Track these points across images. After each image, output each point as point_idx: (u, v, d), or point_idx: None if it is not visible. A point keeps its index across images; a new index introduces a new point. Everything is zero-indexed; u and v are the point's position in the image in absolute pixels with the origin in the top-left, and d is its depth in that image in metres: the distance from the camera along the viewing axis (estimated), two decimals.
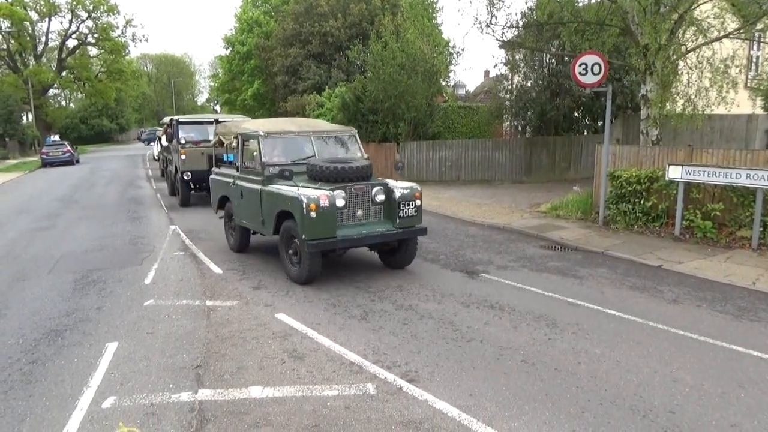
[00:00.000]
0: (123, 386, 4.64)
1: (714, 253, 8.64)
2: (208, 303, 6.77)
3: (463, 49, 24.96)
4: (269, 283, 7.59)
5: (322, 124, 9.64)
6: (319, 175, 7.41)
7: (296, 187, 7.16)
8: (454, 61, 21.64)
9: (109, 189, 20.26)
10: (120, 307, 6.69)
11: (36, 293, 7.39)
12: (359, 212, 7.40)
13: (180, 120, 14.91)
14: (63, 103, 70.14)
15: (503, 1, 16.65)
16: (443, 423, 3.96)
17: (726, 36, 11.94)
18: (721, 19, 12.25)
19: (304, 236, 6.86)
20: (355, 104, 20.20)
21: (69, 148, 35.05)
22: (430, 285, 7.36)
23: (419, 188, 7.73)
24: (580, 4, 14.70)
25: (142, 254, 9.43)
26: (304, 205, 6.80)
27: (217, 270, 8.29)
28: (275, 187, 7.62)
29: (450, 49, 21.99)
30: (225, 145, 9.82)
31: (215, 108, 44.62)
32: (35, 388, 4.67)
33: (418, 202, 7.59)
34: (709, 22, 12.28)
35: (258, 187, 7.99)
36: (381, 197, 7.49)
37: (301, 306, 6.60)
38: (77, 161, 35.30)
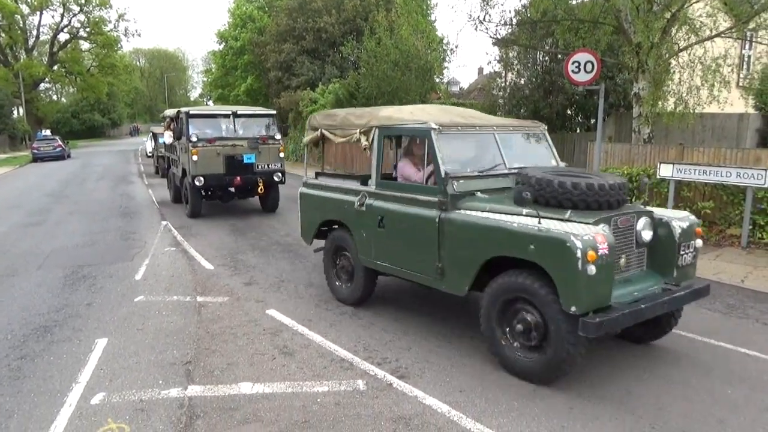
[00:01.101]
0: (112, 382, 4.62)
1: (704, 251, 8.70)
2: (199, 299, 6.75)
3: (456, 46, 25.04)
4: (261, 279, 7.57)
5: (490, 117, 6.73)
6: (549, 197, 4.61)
7: (534, 218, 4.36)
8: (448, 58, 21.63)
9: (100, 184, 20.14)
10: (110, 303, 6.66)
11: (25, 289, 7.34)
12: (622, 260, 4.61)
13: (191, 112, 12.11)
14: (54, 97, 69.58)
15: None
16: (433, 419, 3.97)
17: (718, 35, 11.99)
18: (714, 18, 12.31)
19: (573, 308, 4.01)
20: (348, 100, 20.18)
21: (60, 142, 34.82)
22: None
23: (697, 220, 5.05)
24: (574, 2, 14.73)
25: (132, 250, 9.39)
26: (579, 254, 3.92)
27: (208, 266, 8.27)
28: (478, 216, 4.68)
29: (444, 46, 21.98)
30: (322, 143, 6.94)
31: (208, 103, 44.41)
32: (23, 384, 4.64)
33: (698, 243, 4.96)
34: (701, 21, 12.33)
35: (431, 213, 5.02)
36: (648, 235, 4.72)
37: (292, 302, 6.59)
38: (68, 156, 35.07)
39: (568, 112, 19.78)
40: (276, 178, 12.23)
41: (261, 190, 12.15)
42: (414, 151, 5.90)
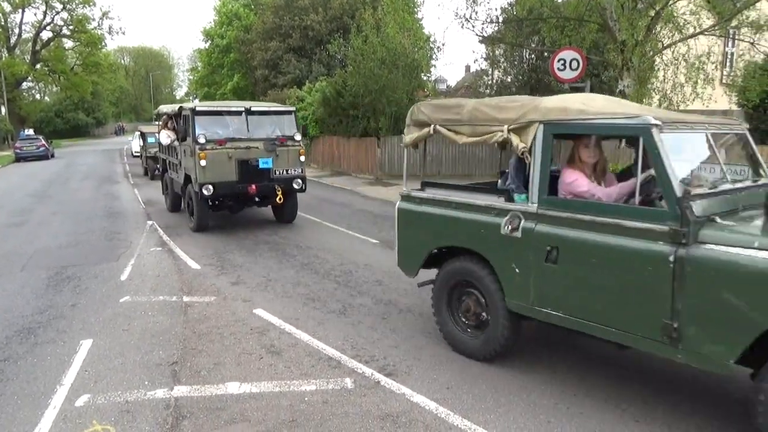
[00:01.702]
0: (97, 384, 4.57)
1: None
2: (185, 299, 6.70)
3: (443, 44, 25.05)
4: (248, 278, 7.53)
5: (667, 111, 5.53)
6: None
7: None
8: (434, 56, 21.64)
9: (84, 184, 19.92)
10: (95, 304, 6.59)
11: (8, 290, 7.24)
12: None
13: (198, 109, 10.39)
14: (37, 96, 68.76)
15: None
16: (420, 416, 3.97)
17: (701, 32, 12.14)
18: (697, 16, 12.45)
19: None
20: (335, 99, 20.14)
21: (43, 142, 34.43)
22: (409, 280, 7.29)
23: None
24: (560, 0, 14.83)
25: (118, 250, 9.30)
26: None
27: (194, 265, 8.21)
28: (751, 257, 3.19)
29: (431, 44, 22.01)
30: (424, 143, 5.50)
31: (194, 101, 44.11)
32: (6, 387, 4.58)
33: None
34: (685, 19, 12.47)
35: (656, 248, 3.53)
36: None
37: (279, 301, 6.57)
38: (52, 156, 34.65)
39: None
40: (296, 186, 10.67)
41: (279, 199, 10.51)
42: (582, 156, 4.43)
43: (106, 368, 4.87)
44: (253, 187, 10.17)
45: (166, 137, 11.71)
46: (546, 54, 16.24)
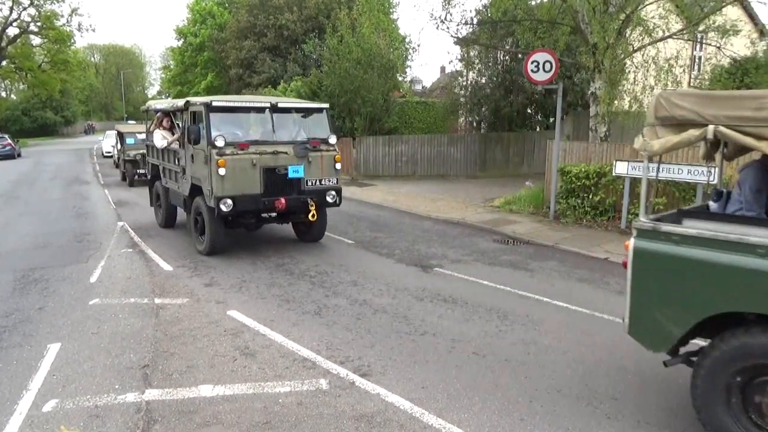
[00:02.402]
0: (65, 388, 4.46)
1: None
2: (157, 301, 6.59)
3: (419, 45, 25.20)
4: (222, 279, 7.45)
5: None
6: None
7: None
8: (410, 57, 21.75)
9: (52, 184, 19.44)
10: (63, 307, 6.43)
11: None
12: None
13: (215, 104, 8.36)
14: (3, 94, 66.82)
15: None
16: (395, 416, 3.98)
17: (670, 36, 12.40)
18: (666, 20, 12.72)
19: None
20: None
21: (9, 141, 33.47)
22: (384, 280, 7.38)
23: None
24: (533, 3, 15.01)
25: (87, 252, 9.10)
26: None
27: (167, 267, 8.08)
28: None
29: (406, 45, 22.08)
30: (708, 147, 4.27)
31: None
32: None
33: None
34: (654, 23, 12.72)
35: None
36: None
37: (254, 303, 6.51)
38: (18, 155, 33.72)
39: (528, 110, 20.16)
40: (329, 199, 8.80)
41: (313, 216, 8.61)
42: None
43: (74, 372, 4.76)
44: (282, 201, 8.27)
45: (161, 139, 10.10)
46: (520, 56, 16.42)
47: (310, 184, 8.59)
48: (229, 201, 7.97)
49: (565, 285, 7.13)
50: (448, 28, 14.93)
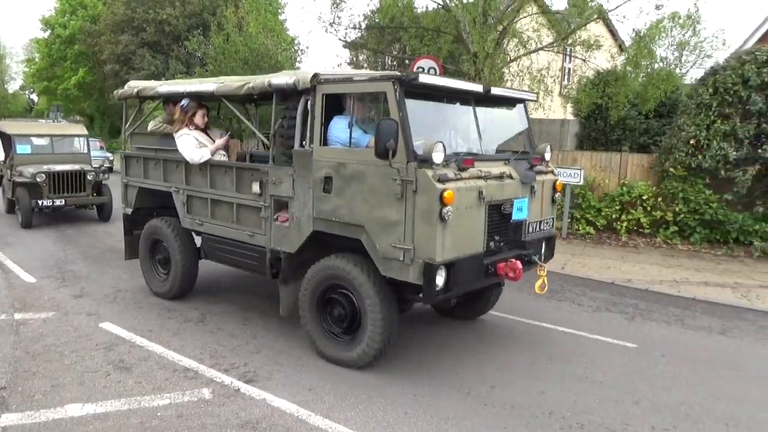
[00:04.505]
0: None
1: None
2: (17, 316, 5.96)
3: (308, 47, 25.04)
4: (93, 289, 6.90)
5: None
6: None
7: None
8: (299, 59, 21.47)
9: None
10: None
11: None
12: None
13: (422, 79, 4.30)
14: None
15: (346, 2, 16.96)
16: (281, 420, 3.92)
17: (542, 48, 13.38)
18: (539, 33, 13.71)
19: None
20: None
21: None
22: (273, 286, 7.23)
23: None
24: (420, 11, 15.50)
25: None
26: None
27: (29, 279, 7.34)
28: None
29: (295, 46, 21.85)
30: None
31: (31, 97, 39.49)
32: None
33: None
34: (528, 35, 13.66)
35: None
36: None
37: (130, 313, 6.10)
38: None
39: None
40: (547, 252, 5.51)
41: (543, 286, 5.01)
42: None
43: None
44: (516, 265, 4.61)
45: (195, 147, 5.86)
46: (407, 61, 16.87)
47: (531, 229, 5.21)
48: (443, 271, 4.21)
49: None
50: (336, 31, 15.01)
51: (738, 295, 7.23)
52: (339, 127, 4.72)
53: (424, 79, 4.29)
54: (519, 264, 4.59)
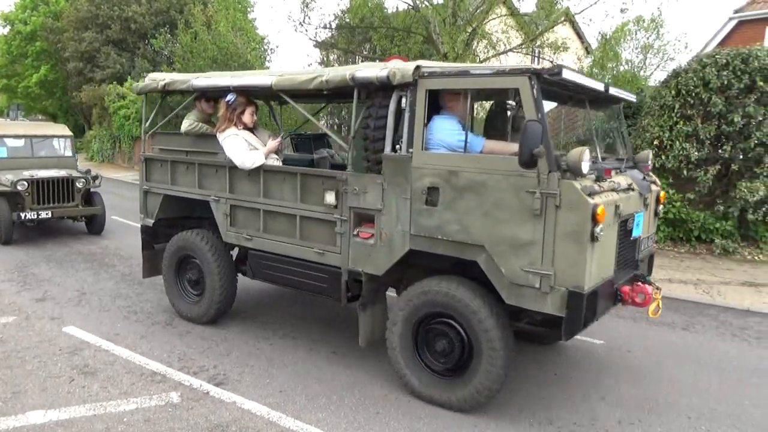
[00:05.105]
0: None
1: None
2: None
3: (277, 46, 24.85)
4: (57, 293, 6.71)
5: None
6: None
7: None
8: (268, 58, 21.29)
9: None
10: None
11: None
12: None
13: (565, 74, 3.58)
14: None
15: (316, 2, 16.90)
16: (251, 422, 3.88)
17: (511, 50, 13.57)
18: (508, 35, 13.90)
19: None
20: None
21: None
22: (245, 287, 7.14)
23: None
24: (390, 11, 15.54)
25: None
26: None
27: None
28: None
29: (265, 46, 21.66)
30: None
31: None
32: None
33: None
34: (498, 37, 13.84)
35: None
36: None
37: (95, 316, 5.95)
38: None
39: None
40: (649, 268, 5.10)
41: (658, 310, 4.26)
42: None
43: None
44: (646, 290, 4.08)
45: (245, 149, 5.02)
46: (377, 61, 16.91)
47: (643, 247, 4.62)
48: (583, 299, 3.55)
49: None
50: (306, 30, 14.99)
51: (700, 292, 7.44)
52: (444, 128, 4.02)
53: (567, 74, 3.58)
54: (648, 288, 4.02)
